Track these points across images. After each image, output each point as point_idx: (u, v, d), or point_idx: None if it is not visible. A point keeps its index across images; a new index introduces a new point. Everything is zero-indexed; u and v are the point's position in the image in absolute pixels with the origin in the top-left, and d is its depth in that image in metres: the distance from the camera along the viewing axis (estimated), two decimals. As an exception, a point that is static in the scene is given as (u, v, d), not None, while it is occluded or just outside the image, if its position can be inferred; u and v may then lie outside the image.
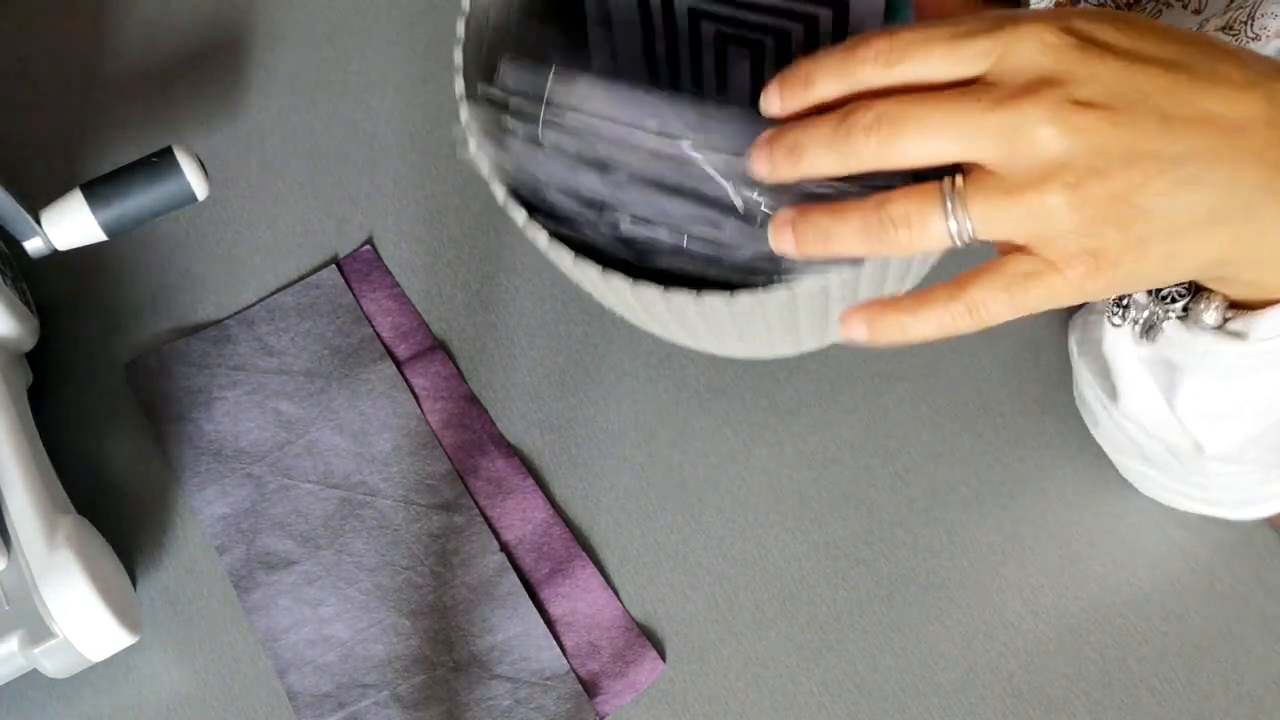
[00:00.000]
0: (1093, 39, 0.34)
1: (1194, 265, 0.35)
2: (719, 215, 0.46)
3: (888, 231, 0.36)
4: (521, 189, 0.49)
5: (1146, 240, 0.34)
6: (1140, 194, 0.33)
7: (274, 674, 0.61)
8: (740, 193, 0.46)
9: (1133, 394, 0.49)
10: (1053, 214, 0.33)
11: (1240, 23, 0.51)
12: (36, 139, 0.76)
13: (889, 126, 0.35)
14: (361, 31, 0.78)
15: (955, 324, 0.37)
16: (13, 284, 0.65)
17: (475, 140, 0.48)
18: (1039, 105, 0.33)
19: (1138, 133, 0.33)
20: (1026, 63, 0.34)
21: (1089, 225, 0.34)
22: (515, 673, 0.60)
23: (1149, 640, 0.59)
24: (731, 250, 0.47)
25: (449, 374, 0.68)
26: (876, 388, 0.65)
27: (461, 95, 0.49)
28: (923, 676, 0.59)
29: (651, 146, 0.47)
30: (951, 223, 0.35)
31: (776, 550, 0.62)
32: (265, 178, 0.74)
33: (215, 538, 0.64)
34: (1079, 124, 0.33)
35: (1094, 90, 0.34)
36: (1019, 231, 0.35)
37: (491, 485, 0.65)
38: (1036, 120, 0.33)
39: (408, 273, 0.71)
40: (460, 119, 0.49)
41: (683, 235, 0.47)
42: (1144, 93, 0.34)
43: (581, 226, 0.49)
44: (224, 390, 0.68)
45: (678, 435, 0.65)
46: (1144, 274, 0.35)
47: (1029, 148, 0.33)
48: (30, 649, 0.56)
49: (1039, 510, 0.62)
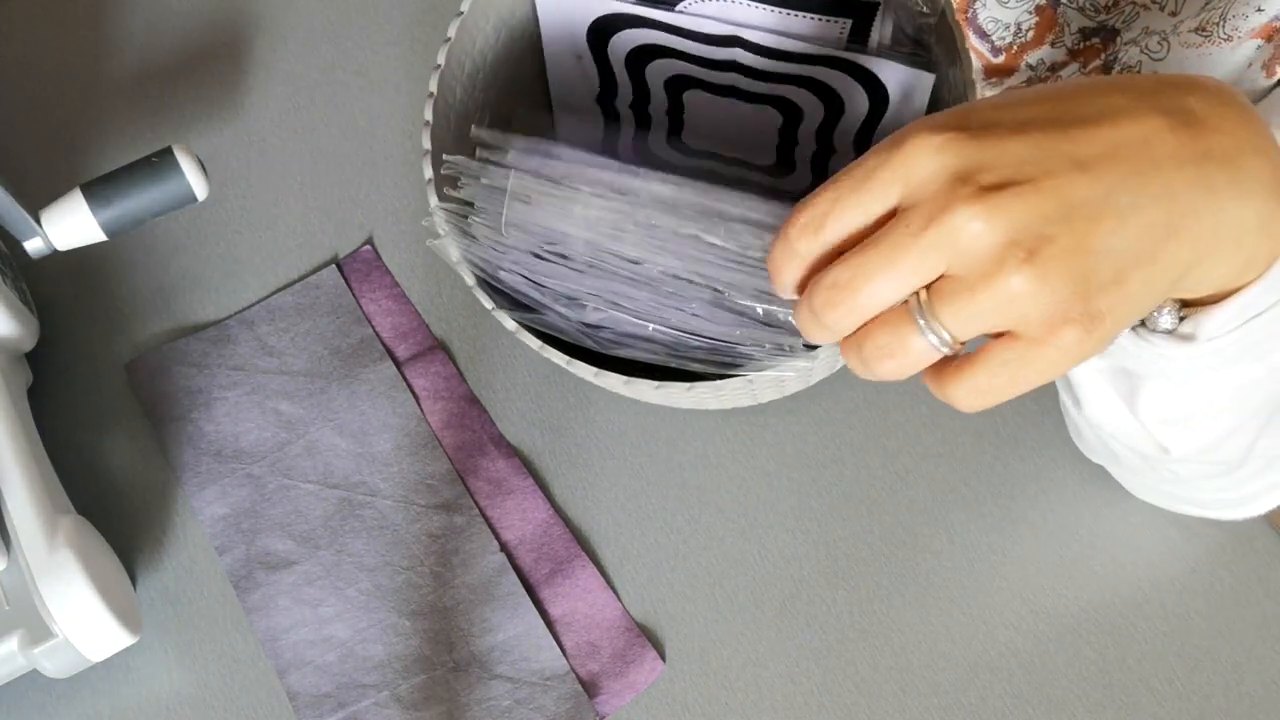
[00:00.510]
0: (976, 124, 0.35)
1: (1171, 279, 0.36)
2: (682, 301, 0.48)
3: (877, 365, 0.37)
4: (488, 276, 0.50)
5: (1123, 277, 0.34)
6: (1093, 238, 0.34)
7: (274, 674, 0.61)
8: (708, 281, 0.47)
9: (1094, 402, 0.49)
10: (1019, 294, 0.34)
11: (1213, 24, 0.51)
12: (36, 139, 0.76)
13: (844, 292, 0.36)
14: (361, 31, 0.78)
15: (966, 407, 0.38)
16: (13, 284, 0.65)
17: (443, 229, 0.50)
18: (960, 207, 0.34)
19: (1061, 188, 0.34)
20: (928, 173, 0.35)
21: (1060, 289, 0.34)
22: (515, 673, 0.60)
23: (1149, 640, 0.59)
24: (695, 336, 0.48)
25: (449, 374, 0.68)
26: (876, 388, 0.65)
27: (430, 180, 0.50)
28: (923, 676, 0.59)
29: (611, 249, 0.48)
30: (930, 336, 0.35)
31: (776, 550, 0.62)
32: (265, 178, 0.74)
33: (215, 538, 0.64)
34: (1003, 205, 0.34)
35: (1002, 169, 0.34)
36: (997, 322, 0.35)
37: (491, 485, 0.65)
38: (964, 221, 0.34)
39: (408, 273, 0.71)
40: (429, 206, 0.50)
41: (648, 323, 0.48)
42: (1047, 151, 0.34)
43: (549, 315, 0.50)
44: (224, 390, 0.68)
45: (678, 435, 0.65)
46: (1133, 309, 0.35)
47: (970, 247, 0.34)
48: (30, 649, 0.56)
49: (1039, 510, 0.62)
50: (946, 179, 0.34)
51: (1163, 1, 0.54)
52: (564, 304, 0.50)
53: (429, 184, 0.51)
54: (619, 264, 0.48)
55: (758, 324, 0.48)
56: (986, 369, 0.36)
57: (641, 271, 0.48)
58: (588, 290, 0.49)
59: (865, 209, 0.36)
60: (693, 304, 0.48)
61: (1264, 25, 0.50)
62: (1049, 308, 0.34)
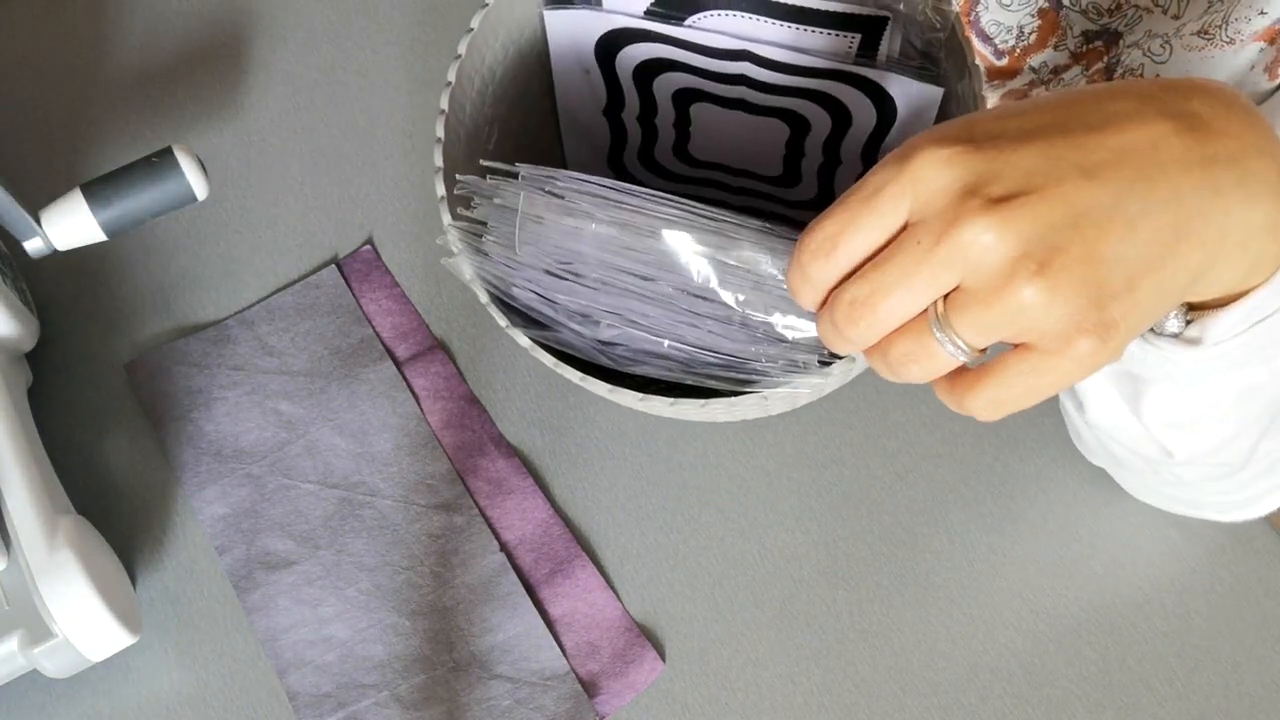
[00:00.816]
0: (982, 135, 0.35)
1: (1182, 284, 0.36)
2: (695, 318, 0.48)
3: (903, 370, 0.37)
4: (500, 293, 0.50)
5: (1134, 284, 0.34)
6: (1102, 246, 0.34)
7: (274, 674, 0.61)
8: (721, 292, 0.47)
9: (1098, 406, 0.49)
10: (1031, 305, 0.34)
11: (1216, 27, 0.51)
12: (36, 139, 0.76)
13: (863, 309, 0.36)
14: (361, 31, 0.78)
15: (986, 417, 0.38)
16: (13, 284, 0.65)
17: (456, 247, 0.50)
18: (970, 220, 0.34)
19: (1068, 196, 0.34)
20: (937, 187, 0.35)
21: (1072, 300, 0.34)
22: (515, 673, 0.60)
23: (1149, 640, 0.59)
24: (709, 353, 0.48)
25: (449, 374, 0.68)
26: (877, 388, 0.65)
27: (442, 198, 0.51)
28: (923, 676, 0.59)
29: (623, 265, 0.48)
30: (949, 346, 0.36)
31: (776, 550, 0.62)
32: (265, 178, 0.74)
33: (215, 538, 0.64)
34: (1013, 217, 0.34)
35: (1009, 180, 0.34)
36: (1011, 333, 0.35)
37: (491, 485, 0.65)
38: (975, 235, 0.34)
39: (408, 273, 0.71)
40: (443, 224, 0.50)
41: (662, 340, 0.49)
42: (1053, 160, 0.35)
43: (562, 332, 0.50)
44: (224, 390, 0.68)
45: (678, 435, 0.65)
46: (1145, 315, 0.35)
47: (982, 260, 0.34)
48: (30, 649, 0.56)
49: (1039, 510, 0.62)
50: (955, 192, 0.34)
51: (1165, 4, 0.54)
52: (578, 321, 0.50)
53: (441, 201, 0.51)
54: (632, 281, 0.48)
55: (773, 340, 0.48)
56: (1002, 380, 0.36)
57: (655, 289, 0.48)
58: (602, 308, 0.49)
59: (875, 227, 0.36)
60: (708, 321, 0.48)
61: (1266, 28, 0.50)
62: (1062, 318, 0.34)
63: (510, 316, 0.50)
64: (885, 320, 0.36)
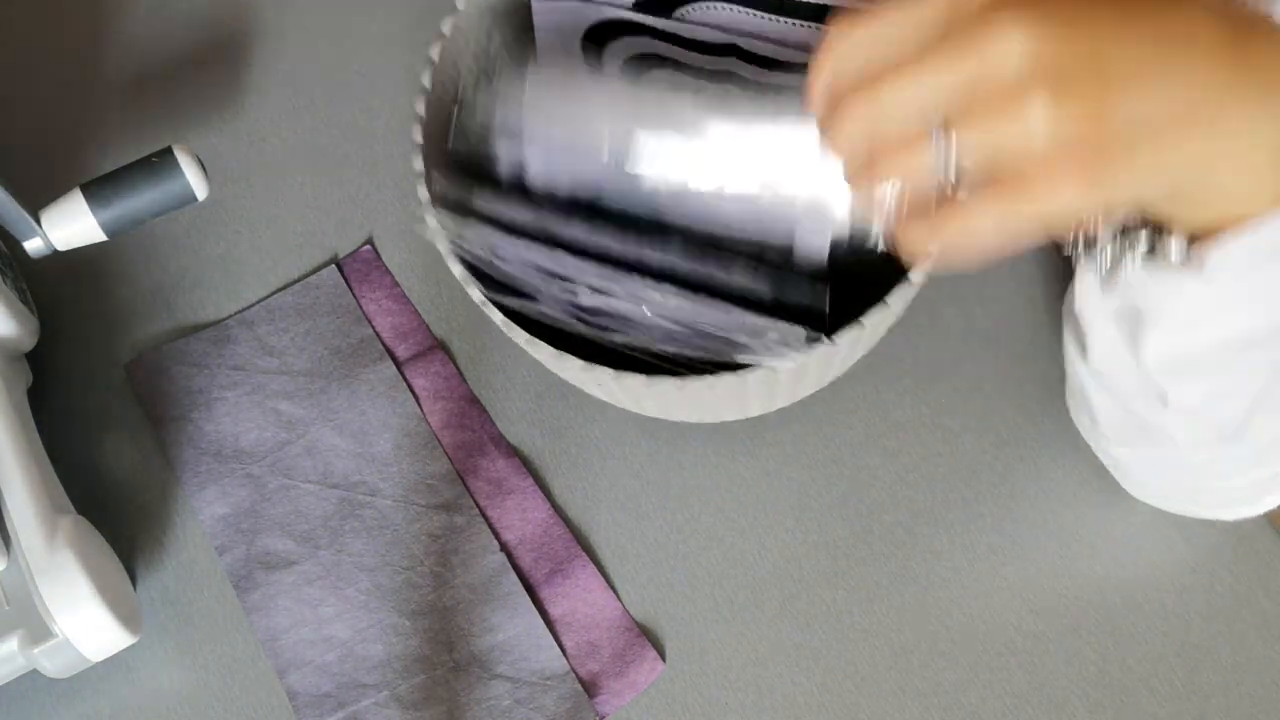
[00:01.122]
0: None
1: (1177, 168, 0.36)
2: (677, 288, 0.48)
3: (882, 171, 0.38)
4: (481, 264, 0.50)
5: (1133, 145, 0.35)
6: (1115, 93, 0.34)
7: (274, 674, 0.61)
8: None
9: (1100, 347, 0.49)
10: (1034, 119, 0.34)
11: None
12: (36, 139, 0.76)
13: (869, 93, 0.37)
14: (361, 31, 0.78)
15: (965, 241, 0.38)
16: (13, 284, 0.65)
17: (434, 218, 0.50)
18: (1000, 17, 0.35)
19: (1099, 37, 0.35)
20: None
21: (1071, 127, 0.34)
22: (515, 673, 0.60)
23: (1149, 640, 0.59)
24: (688, 328, 0.48)
25: (449, 374, 0.68)
26: (876, 388, 0.65)
27: (420, 173, 0.51)
28: (923, 677, 0.59)
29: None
30: (940, 157, 0.36)
31: (776, 550, 0.62)
32: (265, 178, 0.74)
33: (215, 538, 0.64)
34: (1042, 32, 0.34)
35: (1048, 5, 0.35)
36: (1005, 146, 0.35)
37: (491, 485, 0.65)
38: (1002, 31, 0.34)
39: (408, 273, 0.71)
40: (420, 199, 0.50)
41: (640, 304, 0.49)
42: (1095, 4, 0.35)
43: (542, 300, 0.50)
44: (224, 390, 0.68)
45: (678, 435, 0.65)
46: (1133, 181, 0.36)
47: (1001, 60, 0.35)
48: (30, 649, 0.56)
49: (1039, 510, 0.62)
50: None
51: None
52: (558, 287, 0.50)
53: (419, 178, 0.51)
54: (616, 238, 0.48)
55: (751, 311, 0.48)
56: (975, 209, 0.36)
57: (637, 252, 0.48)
58: (587, 277, 0.49)
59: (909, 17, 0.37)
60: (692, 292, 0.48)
61: None
62: (1058, 142, 0.34)
63: (493, 287, 0.50)
64: (888, 108, 0.37)
